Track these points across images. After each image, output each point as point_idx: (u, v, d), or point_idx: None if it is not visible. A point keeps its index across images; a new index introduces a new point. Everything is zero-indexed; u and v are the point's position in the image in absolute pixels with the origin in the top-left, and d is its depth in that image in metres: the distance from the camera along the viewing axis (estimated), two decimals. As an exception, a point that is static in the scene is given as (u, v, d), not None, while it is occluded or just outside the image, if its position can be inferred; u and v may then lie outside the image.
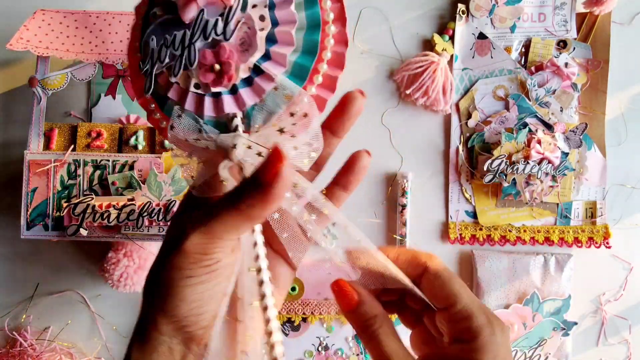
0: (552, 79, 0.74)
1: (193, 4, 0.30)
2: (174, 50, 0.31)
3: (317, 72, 0.33)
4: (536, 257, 0.74)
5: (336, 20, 0.34)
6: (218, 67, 0.31)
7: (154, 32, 0.31)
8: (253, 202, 0.29)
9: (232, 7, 0.31)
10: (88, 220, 0.62)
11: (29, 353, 0.72)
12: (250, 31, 0.31)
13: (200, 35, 0.31)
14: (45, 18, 0.65)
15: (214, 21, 0.31)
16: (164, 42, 0.31)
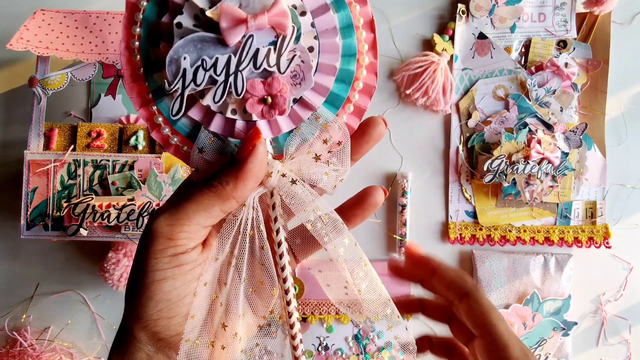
0: (552, 79, 0.74)
1: (242, 28, 0.28)
2: (215, 75, 0.29)
3: (350, 101, 0.33)
4: (536, 257, 0.74)
5: (369, 51, 0.33)
6: (270, 99, 0.29)
7: (186, 49, 0.28)
8: (227, 178, 0.29)
9: (286, 37, 0.29)
10: (88, 220, 0.62)
11: (29, 353, 0.72)
12: (304, 65, 0.30)
13: (250, 64, 0.29)
14: (45, 18, 0.65)
15: (266, 50, 0.29)
16: (202, 64, 0.28)
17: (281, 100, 0.30)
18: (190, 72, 0.29)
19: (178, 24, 0.29)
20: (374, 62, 0.33)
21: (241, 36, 0.28)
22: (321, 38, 0.30)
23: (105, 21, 0.65)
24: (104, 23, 0.65)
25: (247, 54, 0.29)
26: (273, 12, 0.28)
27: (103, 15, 0.65)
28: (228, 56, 0.29)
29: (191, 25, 0.29)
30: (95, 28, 0.65)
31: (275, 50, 0.29)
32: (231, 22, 0.28)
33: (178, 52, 0.28)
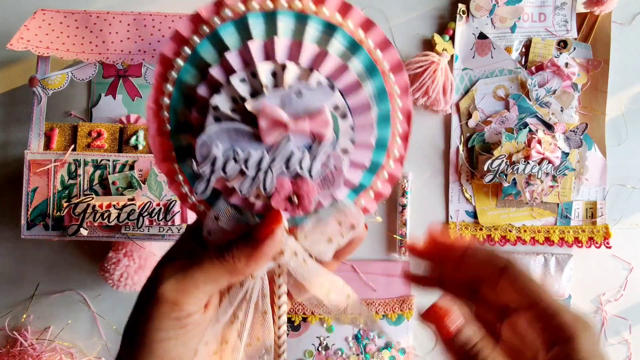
0: (553, 79, 0.74)
1: (280, 131, 0.28)
2: (245, 169, 0.28)
3: (372, 188, 0.33)
4: (536, 257, 0.74)
5: (402, 144, 0.34)
6: (296, 199, 0.30)
7: (220, 137, 0.28)
8: (240, 255, 0.29)
9: (324, 144, 0.29)
10: (88, 220, 0.62)
11: (30, 353, 0.72)
12: (337, 172, 0.30)
13: (282, 164, 0.29)
14: (45, 18, 0.65)
15: (299, 155, 0.29)
16: (234, 155, 0.28)
17: (307, 201, 0.30)
18: (221, 161, 0.28)
19: (215, 107, 0.28)
20: (403, 154, 0.33)
21: (278, 137, 0.28)
22: (357, 136, 0.30)
23: (106, 21, 0.65)
24: (104, 23, 0.65)
25: (281, 155, 0.28)
26: (316, 121, 0.28)
27: (103, 15, 0.65)
28: (261, 153, 0.28)
29: (228, 109, 0.28)
30: (95, 28, 0.65)
31: (309, 154, 0.29)
32: (271, 123, 0.28)
33: (211, 138, 0.28)
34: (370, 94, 0.30)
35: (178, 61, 0.29)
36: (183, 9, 0.74)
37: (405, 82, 0.32)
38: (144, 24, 0.65)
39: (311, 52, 0.28)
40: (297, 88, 0.28)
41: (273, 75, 0.28)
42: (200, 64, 0.29)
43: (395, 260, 0.75)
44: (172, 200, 0.63)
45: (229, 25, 0.29)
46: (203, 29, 0.29)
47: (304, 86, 0.28)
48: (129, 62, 0.64)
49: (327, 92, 0.28)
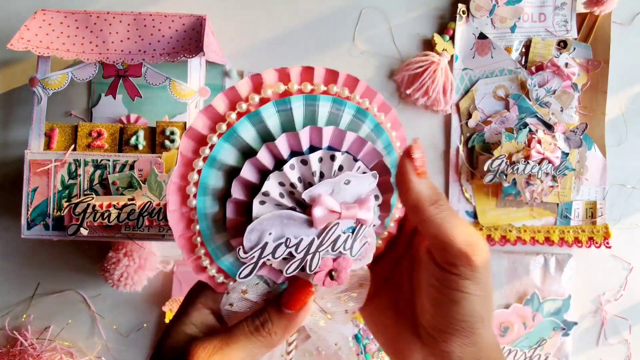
0: (553, 79, 0.74)
1: (333, 217, 0.30)
2: (295, 252, 0.30)
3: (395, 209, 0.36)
4: (536, 257, 0.74)
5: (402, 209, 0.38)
6: (335, 274, 0.31)
7: (271, 223, 0.29)
8: (277, 329, 0.30)
9: (364, 226, 0.31)
10: (88, 219, 0.62)
11: (30, 352, 0.72)
12: (369, 247, 0.32)
13: (329, 247, 0.30)
14: (45, 18, 0.65)
15: (345, 237, 0.31)
16: (286, 242, 0.29)
17: (344, 275, 0.32)
18: (272, 247, 0.29)
19: (265, 193, 0.29)
20: (401, 216, 0.37)
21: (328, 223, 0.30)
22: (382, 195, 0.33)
23: (106, 21, 0.65)
24: (104, 23, 0.65)
25: (329, 239, 0.30)
26: (363, 207, 0.30)
27: (103, 15, 0.65)
28: (312, 239, 0.30)
29: (277, 195, 0.29)
30: (95, 28, 0.65)
31: (352, 236, 0.31)
32: (326, 212, 0.29)
33: (263, 225, 0.29)
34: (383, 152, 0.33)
35: (213, 137, 0.29)
36: (183, 9, 0.75)
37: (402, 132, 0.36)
38: (144, 24, 0.65)
39: (351, 139, 0.30)
40: (346, 177, 0.29)
41: (319, 161, 0.30)
42: (239, 144, 0.30)
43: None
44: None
45: (270, 106, 0.30)
46: (241, 106, 0.30)
47: (352, 175, 0.30)
48: (129, 62, 0.64)
49: (371, 180, 0.31)
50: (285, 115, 0.30)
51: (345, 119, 0.31)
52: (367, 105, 0.32)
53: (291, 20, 0.76)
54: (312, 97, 0.30)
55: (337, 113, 0.31)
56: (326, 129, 0.29)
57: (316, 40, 0.76)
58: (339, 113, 0.31)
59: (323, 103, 0.30)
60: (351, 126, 0.31)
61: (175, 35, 0.65)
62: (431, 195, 0.30)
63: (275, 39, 0.76)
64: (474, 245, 0.30)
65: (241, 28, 0.76)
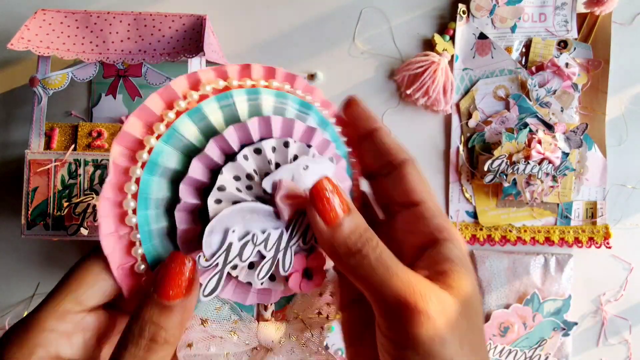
0: (553, 79, 0.74)
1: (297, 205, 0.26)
2: (265, 251, 0.26)
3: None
4: (536, 257, 0.74)
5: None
6: (312, 274, 0.28)
7: (232, 220, 0.25)
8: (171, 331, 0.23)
9: None
10: (89, 219, 0.62)
11: (30, 352, 0.72)
12: None
13: (300, 241, 0.27)
14: (46, 18, 0.65)
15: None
16: (253, 239, 0.26)
17: (321, 275, 0.28)
18: (237, 247, 0.25)
19: (220, 187, 0.25)
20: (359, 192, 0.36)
21: (294, 212, 0.27)
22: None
23: (106, 21, 0.65)
24: (104, 23, 0.65)
25: (299, 230, 0.27)
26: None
27: (104, 15, 0.65)
28: (280, 231, 0.27)
29: (234, 189, 0.26)
30: (96, 28, 0.65)
31: None
32: (289, 199, 0.26)
33: (223, 223, 0.25)
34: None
35: (151, 140, 0.26)
36: (183, 9, 0.74)
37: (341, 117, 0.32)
38: (144, 24, 0.65)
39: (302, 128, 0.28)
40: (304, 162, 0.27)
41: (275, 151, 0.27)
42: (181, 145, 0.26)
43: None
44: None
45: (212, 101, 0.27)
46: (179, 105, 0.27)
47: (309, 160, 0.27)
48: (129, 62, 0.64)
49: (329, 165, 0.28)
50: (228, 110, 0.27)
51: (290, 112, 0.29)
52: (309, 99, 0.30)
53: (291, 20, 0.76)
54: (255, 91, 0.28)
55: (282, 107, 0.28)
56: (275, 119, 0.27)
57: (316, 40, 0.76)
58: (283, 107, 0.28)
59: (266, 96, 0.28)
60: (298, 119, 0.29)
61: (176, 35, 0.65)
62: (349, 245, 0.25)
63: (275, 39, 0.76)
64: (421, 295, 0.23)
65: (241, 28, 0.76)
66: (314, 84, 0.76)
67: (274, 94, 0.28)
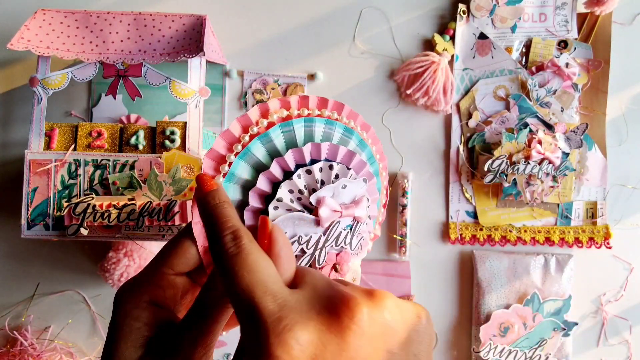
0: (553, 79, 0.74)
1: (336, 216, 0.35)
2: (306, 249, 0.35)
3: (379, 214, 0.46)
4: (537, 257, 0.74)
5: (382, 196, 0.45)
6: (338, 267, 0.37)
7: (285, 224, 0.34)
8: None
9: (360, 224, 0.37)
10: (88, 219, 0.62)
11: (30, 352, 0.72)
12: (364, 242, 0.39)
13: (332, 243, 0.36)
14: (46, 18, 0.65)
15: (345, 233, 0.36)
16: (299, 239, 0.35)
17: (345, 268, 0.37)
18: None
19: (279, 199, 0.35)
20: (386, 202, 0.46)
21: (331, 221, 0.36)
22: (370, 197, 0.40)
23: (106, 21, 0.65)
24: (104, 23, 0.65)
25: (333, 235, 0.36)
26: (359, 207, 0.36)
27: (104, 15, 0.65)
28: (319, 236, 0.35)
29: (289, 200, 0.35)
30: (95, 28, 0.65)
31: (351, 232, 0.37)
32: (330, 212, 0.35)
33: (279, 225, 0.34)
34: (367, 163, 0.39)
35: (231, 157, 0.35)
36: (183, 9, 0.74)
37: (380, 146, 0.42)
38: (144, 24, 0.65)
39: (343, 152, 0.37)
40: (343, 182, 0.35)
41: (320, 171, 0.35)
42: (252, 161, 0.35)
43: (396, 260, 0.75)
44: (172, 200, 0.63)
45: (277, 128, 0.36)
46: (253, 130, 0.35)
47: (347, 180, 0.36)
48: (129, 62, 0.64)
49: (362, 185, 0.37)
50: (288, 135, 0.36)
51: (336, 137, 0.37)
52: (352, 124, 0.39)
53: (291, 20, 0.76)
54: (309, 120, 0.36)
55: (330, 132, 0.37)
56: (323, 145, 0.36)
57: (316, 40, 0.76)
58: (331, 132, 0.37)
59: (318, 124, 0.37)
60: (341, 142, 0.38)
61: (176, 35, 0.65)
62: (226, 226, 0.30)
63: (275, 39, 0.76)
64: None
65: (241, 28, 0.76)
66: (314, 84, 0.76)
67: (324, 122, 0.37)
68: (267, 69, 0.76)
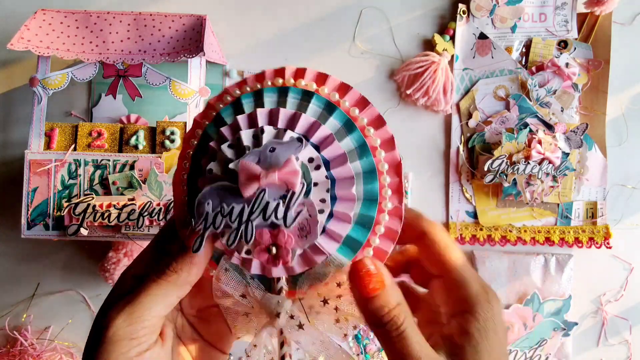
0: (553, 79, 0.74)
1: (255, 183, 0.30)
2: (230, 222, 0.31)
3: (370, 245, 0.33)
4: (537, 257, 0.74)
5: (393, 195, 0.34)
6: (275, 250, 0.31)
7: (210, 196, 0.31)
8: (182, 265, 0.30)
9: (295, 193, 0.31)
10: (88, 219, 0.62)
11: (30, 352, 0.72)
12: (311, 219, 0.31)
13: (260, 215, 0.31)
14: (46, 18, 0.65)
15: (274, 204, 0.31)
16: (221, 210, 0.31)
17: (284, 252, 0.31)
18: (211, 216, 0.31)
19: (209, 170, 0.32)
20: (398, 207, 0.34)
21: (255, 189, 0.31)
22: (337, 189, 0.32)
23: (106, 21, 0.65)
24: (104, 23, 0.65)
25: (258, 206, 0.31)
26: (283, 171, 0.31)
27: (104, 15, 0.65)
28: (242, 206, 0.31)
29: (220, 172, 0.32)
30: (95, 28, 0.65)
31: (284, 204, 0.31)
32: (247, 177, 0.30)
33: (205, 197, 0.31)
34: (348, 148, 0.32)
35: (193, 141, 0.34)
36: (183, 9, 0.74)
37: (388, 134, 0.34)
38: (144, 24, 0.65)
39: (286, 115, 0.32)
40: (270, 145, 0.31)
41: (255, 138, 0.32)
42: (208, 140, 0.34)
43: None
44: (172, 200, 0.63)
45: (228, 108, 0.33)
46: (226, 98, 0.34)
47: (276, 142, 0.31)
48: (129, 62, 0.64)
49: (295, 144, 0.31)
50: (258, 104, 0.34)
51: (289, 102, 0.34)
52: (337, 98, 0.34)
53: (291, 20, 0.76)
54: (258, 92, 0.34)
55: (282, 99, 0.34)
56: (260, 110, 0.32)
57: (316, 40, 0.76)
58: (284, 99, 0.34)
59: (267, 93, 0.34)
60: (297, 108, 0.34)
61: (176, 35, 0.65)
62: (378, 317, 0.30)
63: (275, 39, 0.76)
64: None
65: (241, 28, 0.76)
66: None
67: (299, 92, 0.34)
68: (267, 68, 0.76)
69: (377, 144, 0.33)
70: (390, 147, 0.34)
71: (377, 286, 0.30)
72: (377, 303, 0.29)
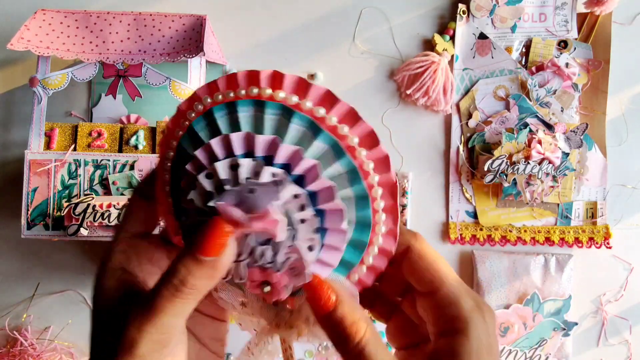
0: (553, 79, 0.74)
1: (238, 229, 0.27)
2: None
3: (363, 263, 0.32)
4: (537, 257, 0.74)
5: (387, 218, 0.31)
6: (268, 288, 0.29)
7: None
8: (199, 281, 0.26)
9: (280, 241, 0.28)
10: (88, 219, 0.62)
11: (30, 352, 0.72)
12: (301, 261, 0.29)
13: (248, 258, 0.28)
14: (46, 18, 0.65)
15: (260, 251, 0.28)
16: None
17: (279, 289, 0.29)
18: None
19: (191, 200, 0.28)
20: (393, 228, 0.31)
21: (238, 234, 0.27)
22: (327, 222, 0.29)
23: (106, 21, 0.65)
24: (104, 23, 0.65)
25: (245, 250, 0.28)
26: (265, 220, 0.27)
27: (103, 15, 0.65)
28: None
29: (200, 204, 0.28)
30: (95, 28, 0.65)
31: (271, 248, 0.28)
32: (231, 223, 0.27)
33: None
34: (337, 173, 0.29)
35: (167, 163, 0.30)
36: (183, 9, 0.74)
37: (382, 154, 0.30)
38: (144, 24, 0.65)
39: (265, 141, 0.28)
40: (248, 186, 0.27)
41: (232, 168, 0.27)
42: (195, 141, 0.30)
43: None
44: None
45: (200, 120, 0.29)
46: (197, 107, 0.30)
47: (254, 184, 0.27)
48: (129, 62, 0.64)
49: (273, 191, 0.27)
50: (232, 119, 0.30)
51: (267, 122, 0.30)
52: (322, 113, 0.30)
53: (291, 20, 0.76)
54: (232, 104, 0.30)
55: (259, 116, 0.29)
56: (234, 136, 0.28)
57: (316, 40, 0.76)
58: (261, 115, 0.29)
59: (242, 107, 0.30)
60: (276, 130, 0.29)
61: (176, 35, 0.65)
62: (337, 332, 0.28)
63: (275, 39, 0.76)
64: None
65: (241, 28, 0.76)
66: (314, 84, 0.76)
67: (278, 107, 0.29)
68: (267, 68, 0.76)
69: (370, 168, 0.30)
70: (384, 169, 0.31)
71: (332, 300, 0.28)
72: (334, 318, 0.28)
